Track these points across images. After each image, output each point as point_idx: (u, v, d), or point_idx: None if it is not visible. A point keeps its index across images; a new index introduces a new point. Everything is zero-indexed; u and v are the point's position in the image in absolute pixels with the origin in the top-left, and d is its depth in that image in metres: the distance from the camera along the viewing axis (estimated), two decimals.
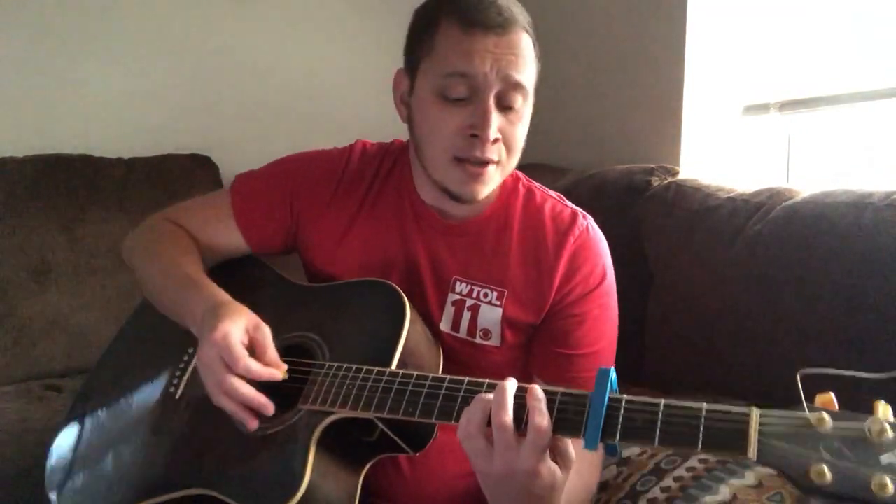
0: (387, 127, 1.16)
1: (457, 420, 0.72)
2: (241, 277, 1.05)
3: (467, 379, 0.76)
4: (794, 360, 1.17)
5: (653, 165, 1.63)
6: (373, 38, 2.35)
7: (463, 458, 0.73)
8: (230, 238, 1.06)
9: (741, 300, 1.26)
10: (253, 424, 0.83)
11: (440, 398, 0.75)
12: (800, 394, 0.59)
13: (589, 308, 0.96)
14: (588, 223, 0.99)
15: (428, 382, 0.77)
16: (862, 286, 1.08)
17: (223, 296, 0.91)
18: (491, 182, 0.92)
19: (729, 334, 1.29)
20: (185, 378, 0.96)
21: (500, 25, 0.86)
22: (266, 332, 0.85)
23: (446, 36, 0.88)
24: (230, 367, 0.81)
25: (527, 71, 0.89)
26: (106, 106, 1.99)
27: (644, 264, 1.51)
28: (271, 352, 0.85)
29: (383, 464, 0.90)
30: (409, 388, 0.78)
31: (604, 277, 0.97)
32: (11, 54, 1.86)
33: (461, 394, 0.75)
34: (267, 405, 0.82)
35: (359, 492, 0.85)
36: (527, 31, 0.90)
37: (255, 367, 0.82)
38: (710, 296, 1.33)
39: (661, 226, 1.49)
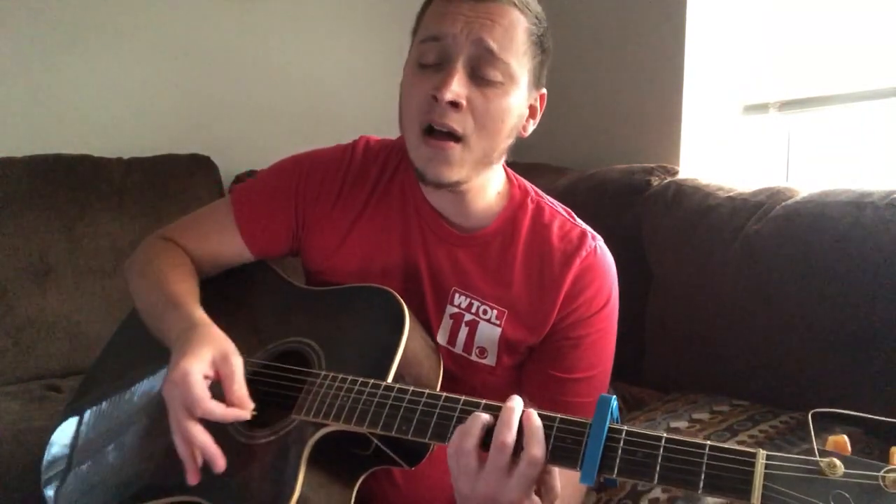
0: (388, 127, 1.16)
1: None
2: (240, 280, 1.04)
3: (463, 398, 0.73)
4: (793, 359, 1.18)
5: (652, 165, 1.64)
6: (374, 38, 2.35)
7: None
8: (232, 248, 1.01)
9: (740, 299, 1.26)
10: (193, 479, 0.78)
11: (435, 416, 0.72)
12: (810, 433, 0.57)
13: (587, 332, 0.92)
14: (597, 244, 0.94)
15: (423, 399, 0.74)
16: (861, 285, 1.08)
17: (197, 318, 0.86)
18: (457, 164, 0.85)
19: (728, 334, 1.29)
20: None
21: None
22: (236, 364, 0.79)
23: (432, 7, 0.88)
24: (190, 410, 0.76)
25: (507, 43, 0.83)
26: (106, 106, 1.99)
27: (644, 264, 1.51)
28: (238, 388, 0.79)
29: (376, 472, 0.87)
30: (405, 403, 0.75)
31: (607, 302, 0.93)
32: (11, 54, 1.86)
33: (456, 414, 0.72)
34: (217, 459, 0.76)
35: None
36: (519, 10, 0.85)
37: (218, 410, 0.76)
38: (709, 295, 1.33)
39: (661, 225, 1.49)
